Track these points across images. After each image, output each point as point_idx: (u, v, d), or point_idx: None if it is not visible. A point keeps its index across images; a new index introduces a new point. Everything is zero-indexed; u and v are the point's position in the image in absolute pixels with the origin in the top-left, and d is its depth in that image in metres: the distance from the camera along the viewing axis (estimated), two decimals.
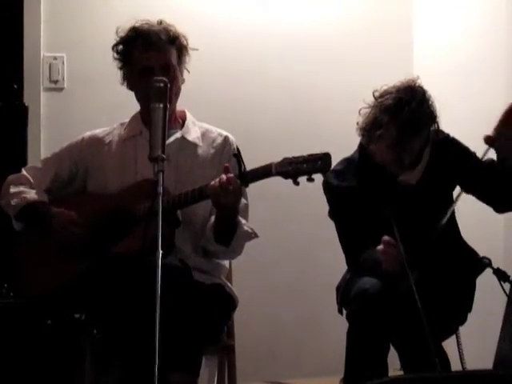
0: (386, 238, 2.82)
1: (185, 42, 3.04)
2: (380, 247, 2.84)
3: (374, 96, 2.97)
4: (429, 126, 2.94)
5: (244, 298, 3.12)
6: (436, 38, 4.32)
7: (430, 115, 2.93)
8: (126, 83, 3.06)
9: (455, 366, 3.11)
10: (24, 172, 3.08)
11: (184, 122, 3.08)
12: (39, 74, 3.97)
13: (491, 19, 3.92)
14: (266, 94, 4.23)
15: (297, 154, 2.64)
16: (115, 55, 3.06)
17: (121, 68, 3.06)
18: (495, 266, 2.72)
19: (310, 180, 2.57)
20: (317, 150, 2.62)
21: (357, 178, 3.05)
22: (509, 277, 2.71)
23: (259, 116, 4.22)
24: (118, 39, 3.05)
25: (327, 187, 3.06)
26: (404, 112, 2.88)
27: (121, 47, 3.05)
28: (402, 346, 2.92)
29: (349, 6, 4.37)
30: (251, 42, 4.21)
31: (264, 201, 3.46)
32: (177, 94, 2.99)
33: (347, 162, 3.11)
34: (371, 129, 2.93)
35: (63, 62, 4.00)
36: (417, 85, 2.96)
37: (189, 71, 3.07)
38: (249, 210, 3.01)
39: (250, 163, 2.71)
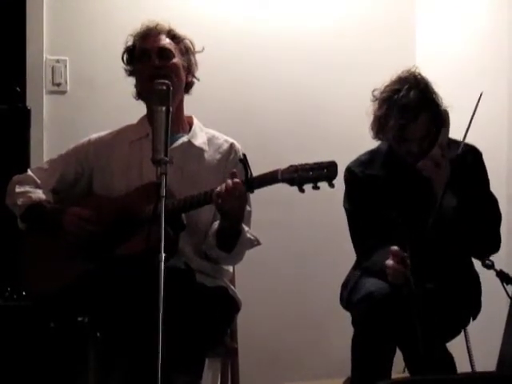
0: (394, 248, 2.80)
1: (190, 45, 3.05)
2: (388, 261, 2.81)
3: (373, 95, 2.99)
4: (424, 110, 2.89)
5: (247, 301, 3.12)
6: (438, 40, 4.32)
7: (420, 100, 2.89)
8: (138, 96, 3.07)
9: (464, 367, 3.11)
10: (30, 172, 3.08)
11: (191, 127, 3.08)
12: (42, 77, 3.96)
13: (494, 21, 3.92)
14: (270, 98, 4.22)
15: (302, 156, 2.64)
16: (125, 67, 3.07)
17: (131, 75, 3.06)
18: (498, 267, 2.72)
19: (316, 188, 2.55)
20: (322, 152, 2.62)
21: (384, 169, 3.03)
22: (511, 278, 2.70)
23: (263, 119, 4.21)
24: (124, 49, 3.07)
25: (349, 174, 3.05)
26: (393, 101, 2.88)
27: (126, 56, 3.07)
28: (407, 349, 2.91)
29: (352, 9, 4.38)
30: (254, 45, 4.21)
31: (267, 204, 3.45)
32: (179, 88, 2.98)
33: (373, 153, 3.10)
34: (378, 129, 2.94)
35: (66, 65, 4.00)
36: (410, 73, 2.96)
37: (198, 79, 3.08)
38: (251, 215, 3.01)
39: (253, 167, 2.70)
